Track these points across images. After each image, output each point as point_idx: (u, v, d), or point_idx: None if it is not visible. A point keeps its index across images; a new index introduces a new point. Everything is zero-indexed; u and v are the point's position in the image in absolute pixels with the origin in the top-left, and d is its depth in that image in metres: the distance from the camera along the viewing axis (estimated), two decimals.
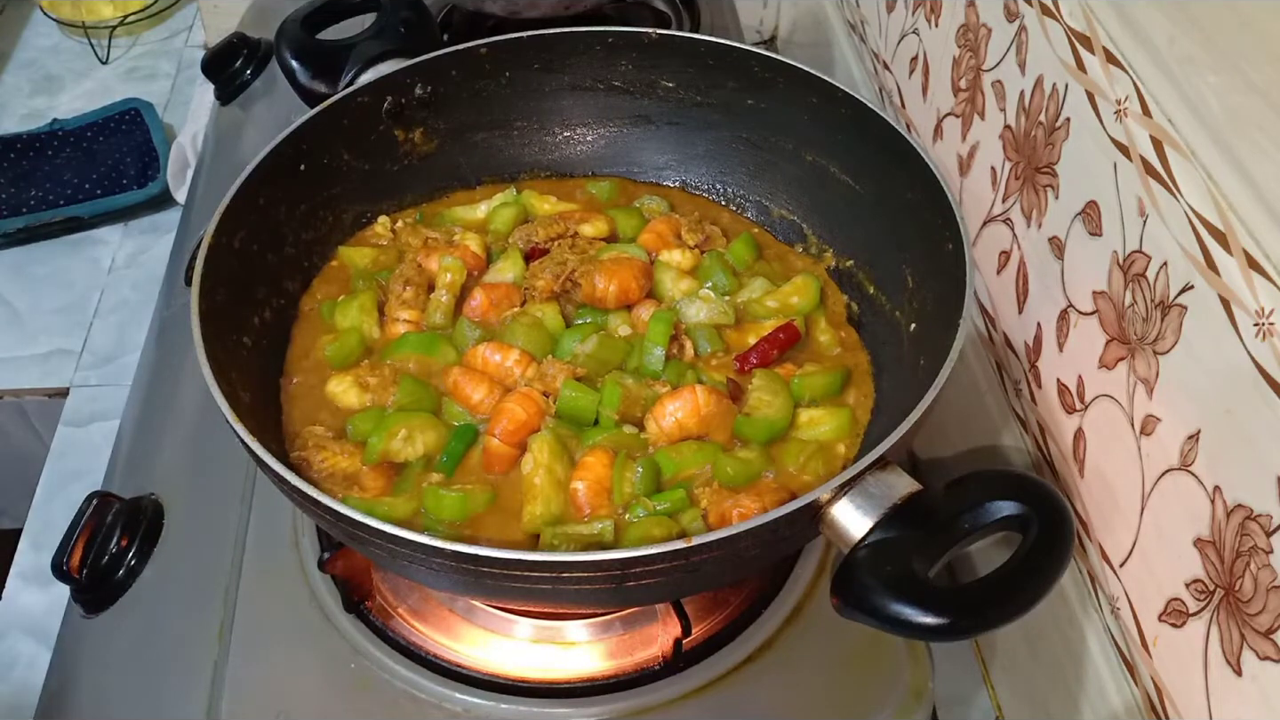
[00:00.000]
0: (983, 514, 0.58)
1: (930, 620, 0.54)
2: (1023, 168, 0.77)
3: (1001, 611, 0.55)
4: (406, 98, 0.87)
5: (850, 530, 0.58)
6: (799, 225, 0.90)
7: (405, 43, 0.89)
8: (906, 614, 0.54)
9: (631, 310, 0.82)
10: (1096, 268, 0.68)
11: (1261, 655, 0.54)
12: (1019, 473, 0.68)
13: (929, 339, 0.72)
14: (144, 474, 0.89)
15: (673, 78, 0.91)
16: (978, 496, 0.59)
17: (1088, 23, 0.67)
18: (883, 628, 0.55)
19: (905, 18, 1.00)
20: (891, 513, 0.57)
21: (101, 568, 0.81)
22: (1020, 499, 0.58)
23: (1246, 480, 0.55)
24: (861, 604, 0.56)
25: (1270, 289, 0.52)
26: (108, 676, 0.76)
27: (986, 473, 0.64)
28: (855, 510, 0.58)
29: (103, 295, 1.27)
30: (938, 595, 0.55)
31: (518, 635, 0.77)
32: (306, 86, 0.85)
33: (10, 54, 1.64)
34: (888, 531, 0.57)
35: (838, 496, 0.58)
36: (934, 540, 0.57)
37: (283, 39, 0.83)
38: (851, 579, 0.57)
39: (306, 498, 0.59)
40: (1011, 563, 0.55)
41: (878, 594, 0.55)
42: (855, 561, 0.57)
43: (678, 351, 0.78)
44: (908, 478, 0.59)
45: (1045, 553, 0.56)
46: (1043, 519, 0.56)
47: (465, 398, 0.76)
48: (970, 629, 0.57)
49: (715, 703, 0.73)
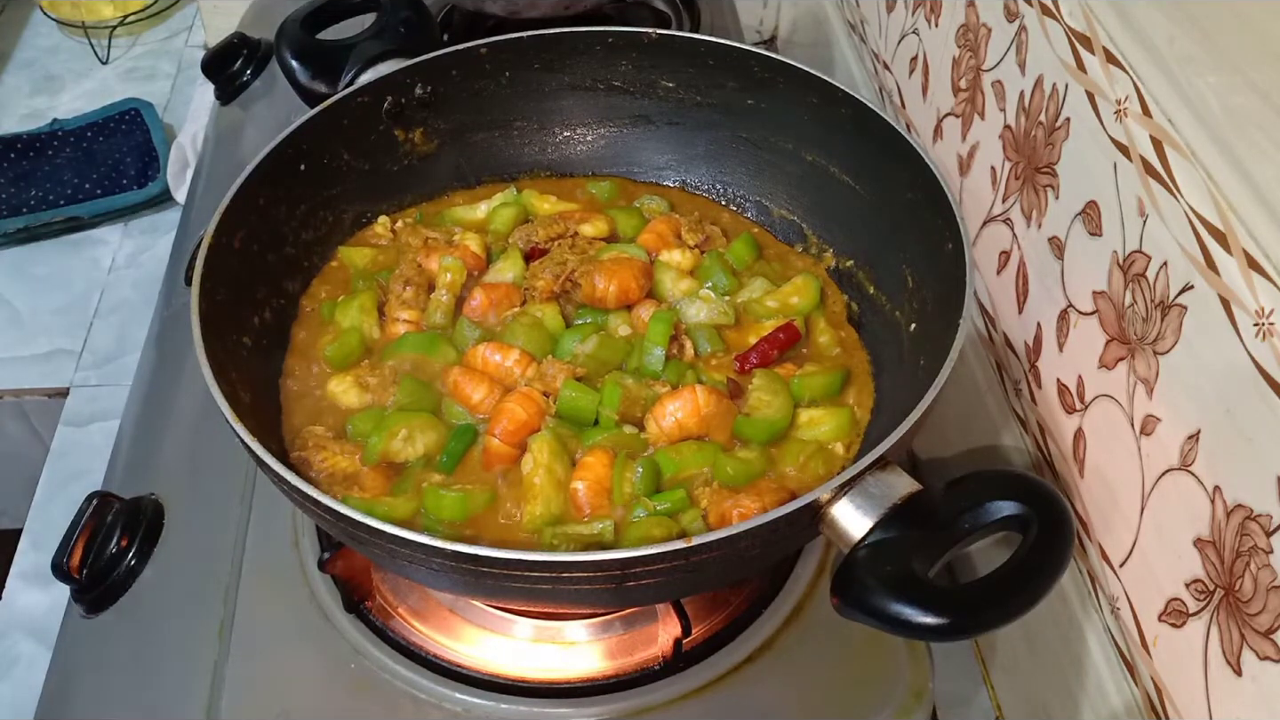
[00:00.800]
0: (983, 514, 0.58)
1: (930, 620, 0.54)
2: (1023, 168, 0.77)
3: (1002, 611, 0.55)
4: (406, 98, 0.87)
5: (850, 530, 0.58)
6: (799, 225, 0.90)
7: (405, 43, 0.89)
8: (906, 614, 0.54)
9: (631, 310, 0.82)
10: (1096, 268, 0.67)
11: (1261, 655, 0.54)
12: (1019, 473, 0.68)
13: (929, 339, 0.72)
14: (144, 474, 0.89)
15: (672, 78, 0.91)
16: (978, 496, 0.59)
17: (1087, 23, 0.67)
18: (883, 628, 0.55)
19: (905, 18, 1.00)
20: (891, 513, 0.57)
21: (101, 568, 0.81)
22: (1020, 499, 0.58)
23: (1246, 480, 0.55)
24: (861, 604, 0.56)
25: (1270, 289, 0.52)
26: (108, 677, 0.76)
27: (987, 473, 0.64)
28: (855, 510, 0.58)
29: (103, 295, 1.27)
30: (938, 595, 0.55)
31: (517, 635, 0.77)
32: (306, 86, 0.85)
33: (10, 54, 1.64)
34: (888, 531, 0.57)
35: (838, 496, 0.58)
36: (934, 540, 0.57)
37: (283, 39, 0.84)
38: (851, 579, 0.56)
39: (306, 498, 0.59)
40: (1012, 562, 0.55)
41: (877, 594, 0.55)
42: (855, 561, 0.57)
43: (677, 351, 0.78)
44: (908, 478, 0.59)
45: (1045, 552, 0.56)
46: (1043, 519, 0.56)
47: (465, 397, 0.75)
48: (970, 629, 0.57)
49: (715, 703, 0.72)
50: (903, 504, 0.58)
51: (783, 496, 0.68)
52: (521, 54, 0.90)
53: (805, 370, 0.78)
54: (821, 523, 0.59)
